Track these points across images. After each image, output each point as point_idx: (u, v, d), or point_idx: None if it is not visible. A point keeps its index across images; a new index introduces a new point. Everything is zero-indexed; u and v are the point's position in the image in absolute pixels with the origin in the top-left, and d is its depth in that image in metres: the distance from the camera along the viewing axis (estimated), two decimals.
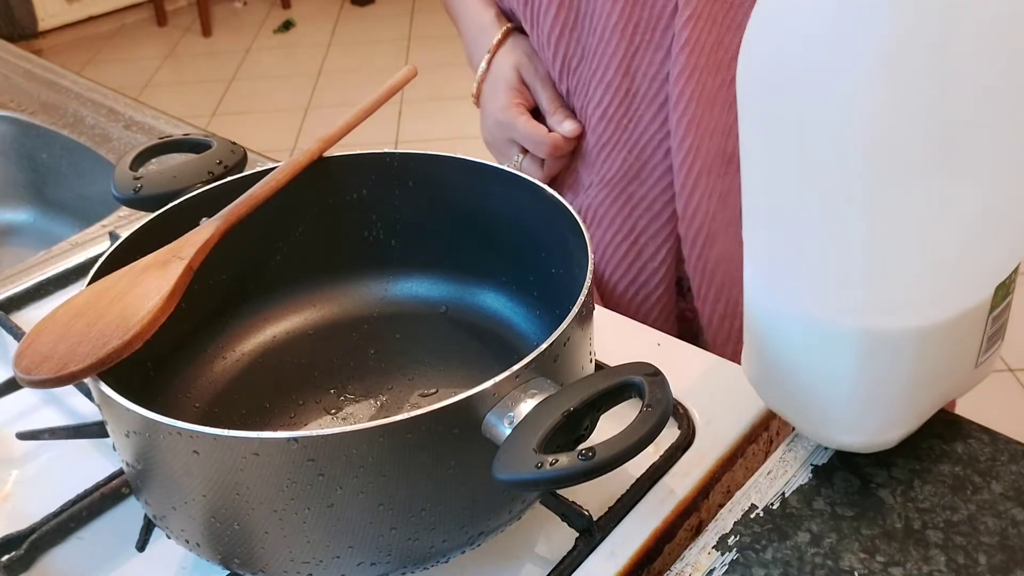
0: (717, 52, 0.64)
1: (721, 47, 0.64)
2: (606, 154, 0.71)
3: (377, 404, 0.54)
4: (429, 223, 0.58)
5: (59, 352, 0.41)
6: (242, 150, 0.59)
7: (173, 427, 0.37)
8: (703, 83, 0.64)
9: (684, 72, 0.64)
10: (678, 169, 0.67)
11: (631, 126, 0.69)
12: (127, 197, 0.55)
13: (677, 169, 0.67)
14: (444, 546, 0.42)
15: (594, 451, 0.35)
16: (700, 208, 0.68)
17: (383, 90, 0.59)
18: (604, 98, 0.69)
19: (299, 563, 0.40)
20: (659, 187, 0.70)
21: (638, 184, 0.70)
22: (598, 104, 0.69)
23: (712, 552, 0.45)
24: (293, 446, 0.36)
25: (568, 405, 0.38)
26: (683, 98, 0.65)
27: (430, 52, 3.50)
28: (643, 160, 0.70)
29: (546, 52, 0.72)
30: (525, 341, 0.55)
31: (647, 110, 0.68)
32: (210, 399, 0.53)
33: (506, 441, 0.37)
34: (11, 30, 3.42)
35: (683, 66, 0.64)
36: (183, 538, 0.43)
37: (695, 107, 0.65)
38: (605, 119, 0.69)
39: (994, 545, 0.44)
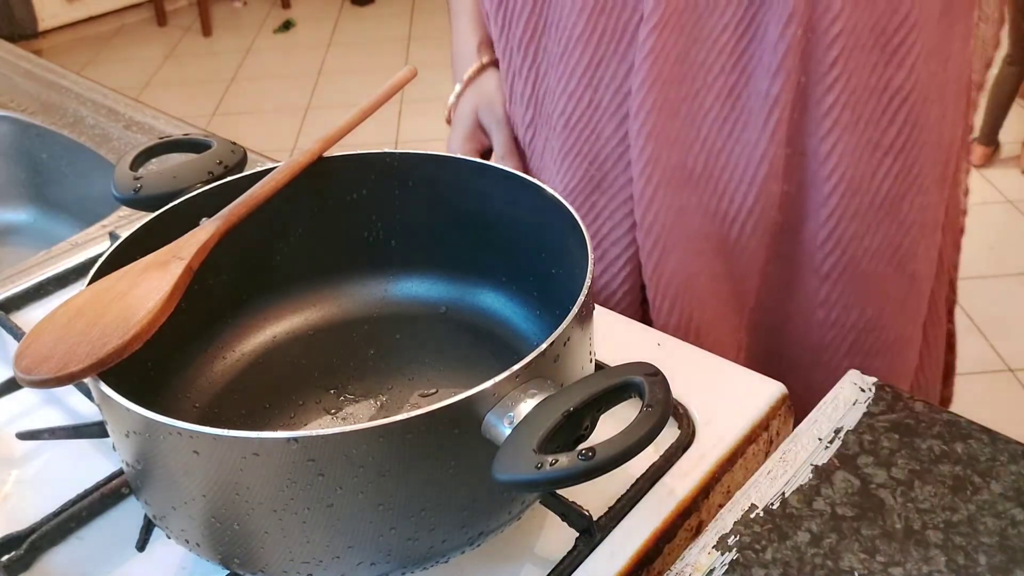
0: (682, 64, 0.63)
1: (686, 59, 0.63)
2: (568, 163, 0.70)
3: (377, 404, 0.54)
4: (429, 223, 0.58)
5: (59, 352, 0.41)
6: (242, 150, 0.59)
7: (173, 427, 0.37)
8: (665, 94, 0.64)
9: (646, 82, 0.63)
10: (636, 179, 0.67)
11: (593, 137, 0.68)
12: (127, 197, 0.55)
13: (636, 179, 0.67)
14: (444, 546, 0.42)
15: (594, 451, 0.35)
16: (657, 220, 0.67)
17: (383, 90, 0.59)
18: (568, 107, 0.68)
19: (299, 563, 0.40)
20: (620, 197, 0.69)
21: (599, 194, 0.70)
22: (562, 113, 0.69)
23: (712, 552, 0.45)
24: (293, 446, 0.36)
25: (568, 405, 0.38)
26: (644, 109, 0.64)
27: (430, 52, 3.51)
28: (604, 171, 0.69)
29: (515, 58, 0.72)
30: (525, 341, 0.55)
31: (609, 121, 0.67)
32: (210, 399, 0.53)
33: (506, 441, 0.37)
34: (11, 30, 3.42)
35: (645, 76, 0.63)
36: (183, 538, 0.43)
37: (656, 117, 0.64)
38: (568, 128, 0.69)
39: (994, 545, 0.44)
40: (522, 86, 0.73)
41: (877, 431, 0.50)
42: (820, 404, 0.53)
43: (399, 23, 3.84)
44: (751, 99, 0.63)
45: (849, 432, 0.50)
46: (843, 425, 0.51)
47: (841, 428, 0.51)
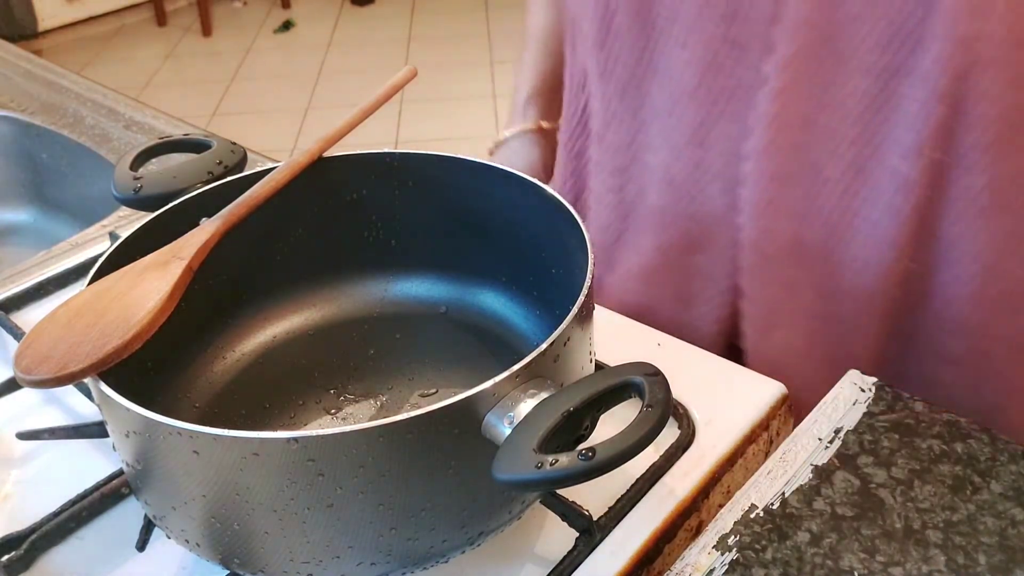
0: (804, 131, 0.58)
1: (810, 126, 0.57)
2: (668, 220, 0.66)
3: (377, 404, 0.54)
4: (429, 223, 0.58)
5: (59, 352, 0.41)
6: (242, 150, 0.59)
7: (173, 427, 0.37)
8: (784, 163, 0.59)
9: (763, 150, 0.58)
10: (746, 249, 0.62)
11: (698, 197, 0.63)
12: (127, 197, 0.55)
13: (745, 249, 0.62)
14: (444, 546, 0.42)
15: (594, 451, 0.35)
16: (765, 294, 0.63)
17: (383, 90, 0.59)
18: (671, 162, 0.63)
19: (299, 563, 0.40)
20: (721, 260, 0.65)
21: (699, 253, 0.66)
22: (665, 167, 0.64)
23: (712, 552, 0.45)
24: (293, 446, 0.36)
25: (568, 405, 0.38)
26: (758, 177, 0.59)
27: (430, 52, 3.51)
28: (707, 232, 0.64)
29: (614, 101, 0.66)
30: (525, 341, 0.55)
31: (715, 181, 0.62)
32: (210, 399, 0.53)
33: (506, 441, 0.37)
34: (11, 30, 3.42)
35: (763, 143, 0.58)
36: (183, 538, 0.43)
37: (771, 186, 0.59)
38: (669, 184, 0.64)
39: (994, 545, 0.44)
40: (616, 132, 0.67)
41: (877, 431, 0.50)
42: (820, 404, 0.53)
43: (399, 23, 3.84)
44: (879, 174, 0.57)
45: (849, 432, 0.50)
46: (843, 425, 0.51)
47: (841, 428, 0.51)
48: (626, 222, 0.70)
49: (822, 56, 0.55)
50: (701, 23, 0.58)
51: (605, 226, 0.72)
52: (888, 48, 0.53)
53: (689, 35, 0.58)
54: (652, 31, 0.61)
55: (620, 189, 0.69)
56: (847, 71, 0.55)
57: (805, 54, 0.55)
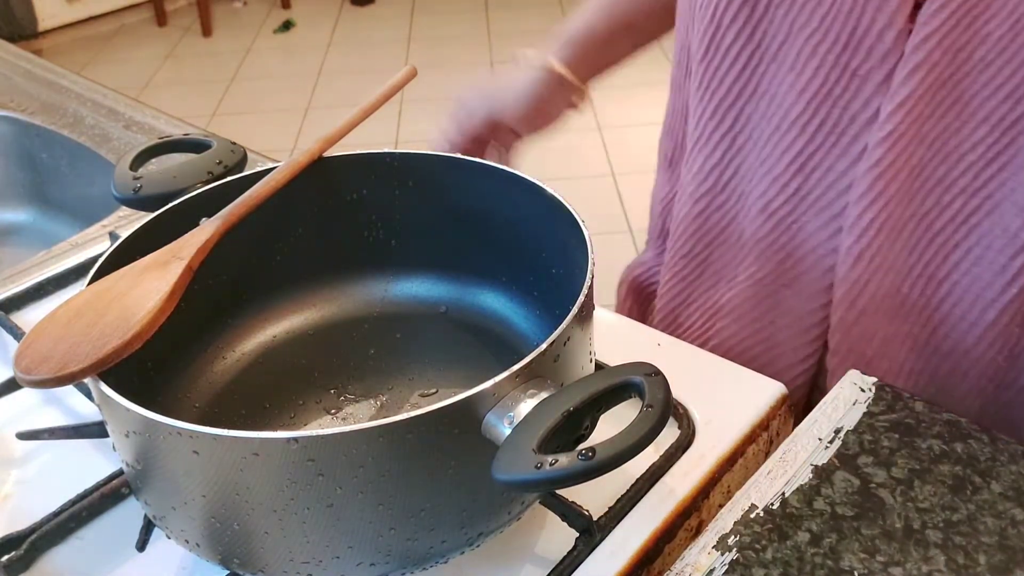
0: (915, 179, 0.54)
1: (922, 174, 0.54)
2: (760, 250, 0.63)
3: (377, 404, 0.54)
4: (429, 223, 0.58)
5: (59, 352, 0.41)
6: (242, 150, 0.59)
7: (173, 427, 0.37)
8: (890, 211, 0.55)
9: (869, 196, 0.55)
10: (837, 302, 0.59)
11: (795, 227, 0.60)
12: (127, 197, 0.55)
13: (837, 302, 0.59)
14: (443, 547, 0.42)
15: (594, 451, 0.35)
16: (856, 349, 0.60)
17: (383, 90, 0.59)
18: (770, 191, 0.60)
19: (299, 563, 0.40)
20: (814, 302, 0.61)
21: (790, 292, 0.62)
22: (762, 195, 0.61)
23: (712, 552, 0.45)
24: (293, 446, 0.36)
25: (568, 405, 0.38)
26: (860, 225, 0.56)
27: (430, 52, 3.51)
28: (801, 269, 0.61)
29: (708, 122, 0.63)
30: (525, 341, 0.55)
31: (816, 217, 0.59)
32: (210, 399, 0.53)
33: (506, 441, 0.37)
34: (11, 30, 3.42)
35: (868, 189, 0.55)
36: (183, 538, 0.43)
37: (874, 236, 0.56)
38: (766, 213, 0.61)
39: (994, 545, 0.44)
40: (707, 156, 0.64)
41: (877, 431, 0.50)
42: (820, 404, 0.53)
43: (399, 23, 3.84)
44: (993, 232, 0.54)
45: (849, 432, 0.50)
46: (843, 425, 0.51)
47: (841, 428, 0.51)
48: (712, 252, 0.67)
49: (944, 101, 0.52)
50: (817, 49, 0.54)
51: (687, 254, 0.69)
52: (1015, 98, 0.51)
53: (802, 60, 0.55)
54: (760, 51, 0.58)
55: (704, 216, 0.66)
56: (969, 119, 0.52)
57: (926, 97, 0.52)
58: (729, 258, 0.66)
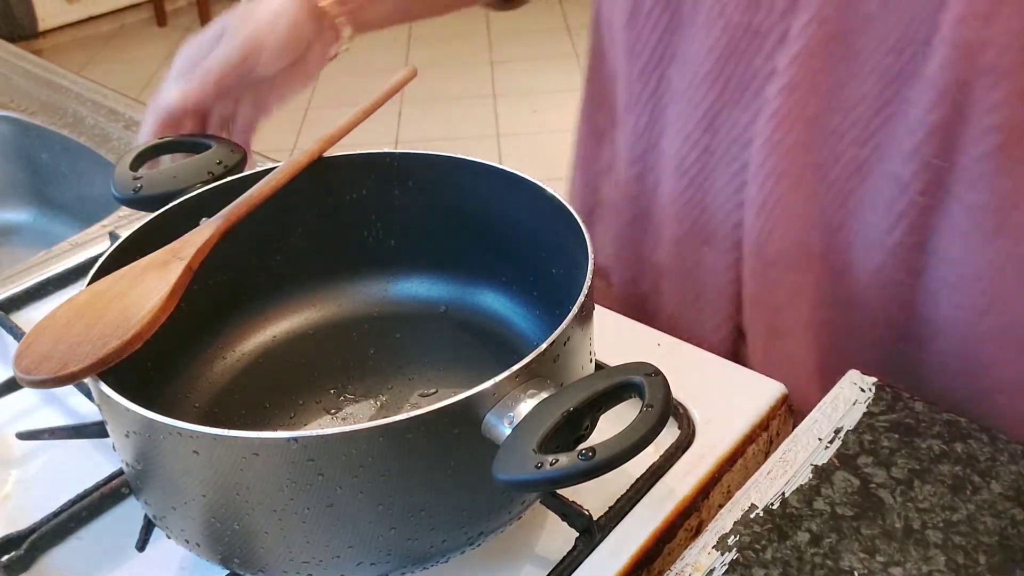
0: (810, 130, 0.56)
1: (817, 124, 0.56)
2: (678, 209, 0.65)
3: (377, 404, 0.54)
4: (428, 223, 0.58)
5: (59, 352, 0.41)
6: (242, 150, 0.59)
7: (173, 427, 0.37)
8: (788, 161, 0.57)
9: (768, 146, 0.57)
10: (748, 253, 0.61)
11: (706, 184, 0.62)
12: (127, 197, 0.55)
13: (747, 253, 0.61)
14: (444, 546, 0.42)
15: (594, 451, 0.35)
16: (768, 301, 0.62)
17: (384, 91, 0.59)
18: (682, 148, 0.62)
19: (299, 563, 0.40)
20: (729, 257, 0.63)
21: (708, 248, 0.64)
22: (676, 153, 0.63)
23: (712, 552, 0.45)
24: (293, 446, 0.36)
25: (568, 405, 0.38)
26: (762, 173, 0.58)
27: (430, 52, 3.50)
28: (715, 224, 0.63)
29: (636, 85, 0.65)
30: (525, 341, 0.55)
31: (724, 172, 0.61)
32: (210, 399, 0.53)
33: (506, 441, 0.37)
34: (11, 30, 3.42)
35: (767, 138, 0.57)
36: (183, 538, 0.43)
37: (773, 186, 0.58)
38: (680, 171, 0.63)
39: (994, 545, 0.44)
40: (636, 117, 0.66)
41: (877, 431, 0.50)
42: (820, 404, 0.53)
43: None
44: (882, 179, 0.56)
45: (849, 432, 0.50)
46: (843, 425, 0.51)
47: (841, 428, 0.51)
48: (650, 214, 0.69)
49: (833, 54, 0.54)
50: (726, 9, 0.57)
51: (630, 219, 0.70)
52: (898, 51, 0.53)
53: (711, 20, 0.58)
54: (678, 14, 0.60)
55: (639, 179, 0.68)
56: (857, 71, 0.54)
57: (817, 51, 0.54)
58: (660, 219, 0.68)
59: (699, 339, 0.63)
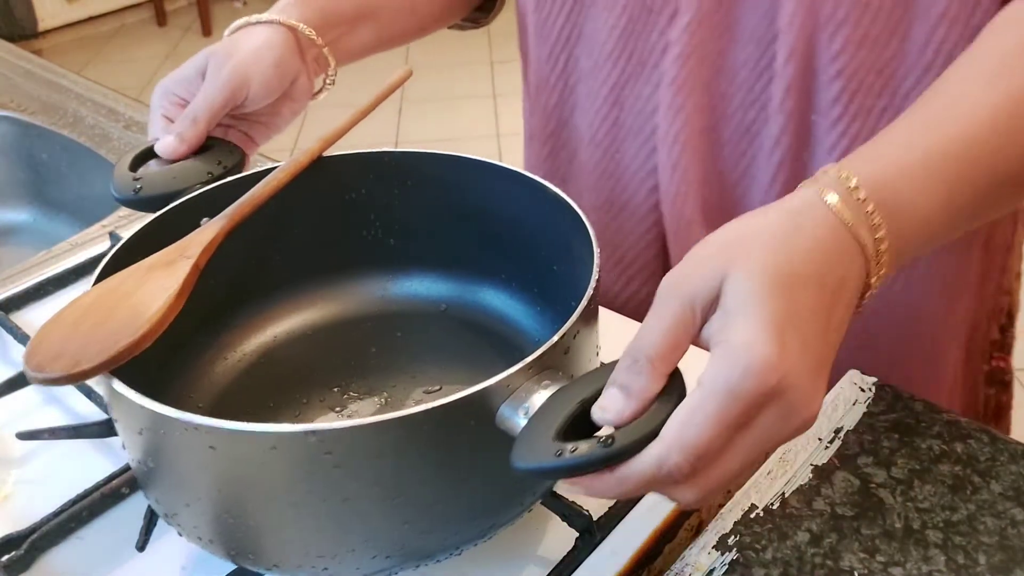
0: (704, 94, 0.61)
1: (709, 90, 0.61)
2: (594, 181, 0.69)
3: (381, 401, 0.54)
4: (429, 221, 0.58)
5: (70, 350, 0.40)
6: (241, 151, 0.59)
7: (190, 423, 0.37)
8: (691, 126, 0.62)
9: (670, 112, 0.62)
10: (667, 215, 0.65)
11: (618, 156, 0.67)
12: (126, 198, 0.55)
13: (667, 216, 0.65)
14: (456, 539, 0.42)
15: (614, 438, 0.35)
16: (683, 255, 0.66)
17: (380, 91, 0.60)
18: (594, 122, 0.67)
19: (314, 557, 0.40)
20: (647, 222, 0.67)
21: (626, 216, 0.68)
22: (588, 126, 0.68)
23: (712, 552, 0.45)
24: (311, 439, 0.36)
25: (584, 394, 0.38)
26: (668, 138, 0.62)
27: (430, 52, 3.50)
28: (629, 192, 0.67)
29: (544, 67, 0.69)
30: (526, 338, 0.55)
31: (633, 142, 0.65)
32: (213, 399, 0.53)
33: (523, 431, 0.37)
34: (11, 30, 3.42)
35: (668, 105, 0.62)
36: (195, 535, 0.43)
37: (680, 150, 0.62)
38: (593, 144, 0.68)
39: (994, 545, 0.44)
40: (547, 96, 0.70)
41: (877, 431, 0.50)
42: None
43: None
44: (764, 138, 0.61)
45: (849, 432, 0.50)
46: (843, 425, 0.51)
47: (841, 428, 0.51)
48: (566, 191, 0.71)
49: (719, 24, 0.59)
50: None
51: None
52: (770, 18, 0.58)
53: (612, 1, 0.62)
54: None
55: (553, 156, 0.72)
56: (739, 38, 0.59)
57: (703, 21, 0.59)
58: (577, 190, 0.71)
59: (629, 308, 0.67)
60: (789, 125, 0.59)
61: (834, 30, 0.55)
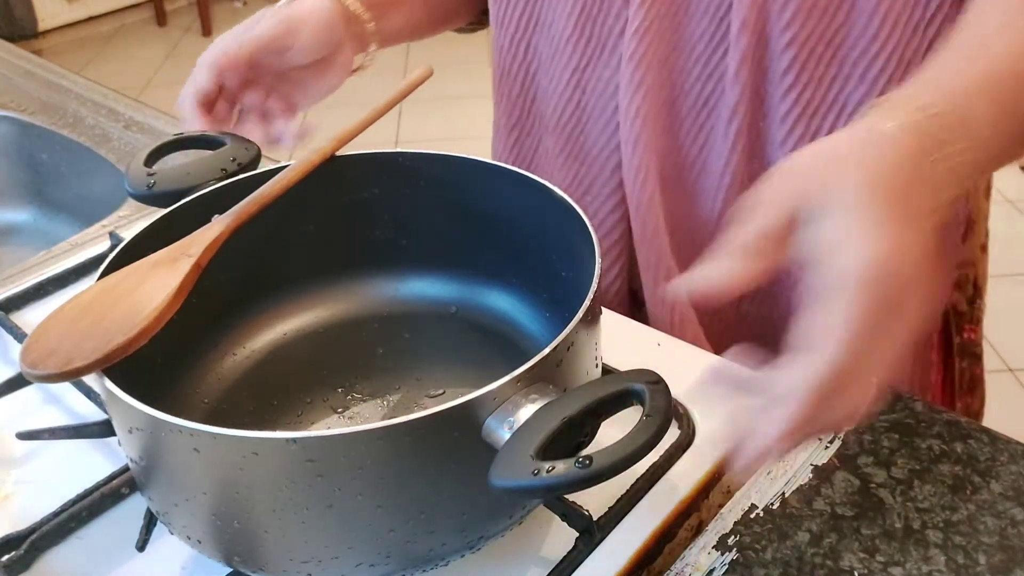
0: (662, 69, 0.63)
1: (667, 64, 0.63)
2: (560, 163, 0.70)
3: (385, 404, 0.54)
4: (439, 223, 0.58)
5: (65, 347, 0.40)
6: (256, 147, 0.59)
7: (174, 424, 0.37)
8: (650, 100, 0.63)
9: (631, 86, 0.63)
10: (631, 184, 0.66)
11: (581, 138, 0.68)
12: (140, 193, 0.55)
13: (630, 184, 0.66)
14: (443, 549, 0.42)
15: (591, 459, 0.35)
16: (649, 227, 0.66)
17: (399, 90, 0.59)
18: (557, 107, 0.69)
19: (298, 562, 0.41)
20: (611, 201, 0.69)
21: (591, 196, 0.70)
22: (552, 112, 0.69)
23: (712, 552, 0.45)
24: (292, 447, 0.36)
25: (568, 412, 0.37)
26: (629, 115, 0.64)
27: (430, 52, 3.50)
28: (594, 172, 0.69)
29: (506, 55, 0.71)
30: (534, 343, 0.55)
31: (596, 123, 0.67)
32: (218, 396, 0.53)
33: (504, 446, 0.37)
34: (11, 30, 3.42)
35: (629, 80, 0.63)
36: (185, 534, 0.43)
37: (641, 125, 0.64)
38: (558, 128, 0.69)
39: (994, 545, 0.44)
40: (509, 86, 0.72)
41: (877, 431, 0.50)
42: None
43: None
44: (722, 109, 0.63)
45: (849, 432, 0.50)
46: None
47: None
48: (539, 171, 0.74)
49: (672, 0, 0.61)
50: None
51: None
52: None
53: None
54: None
55: (519, 144, 0.74)
56: (693, 13, 0.62)
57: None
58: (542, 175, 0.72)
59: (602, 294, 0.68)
60: (744, 95, 0.61)
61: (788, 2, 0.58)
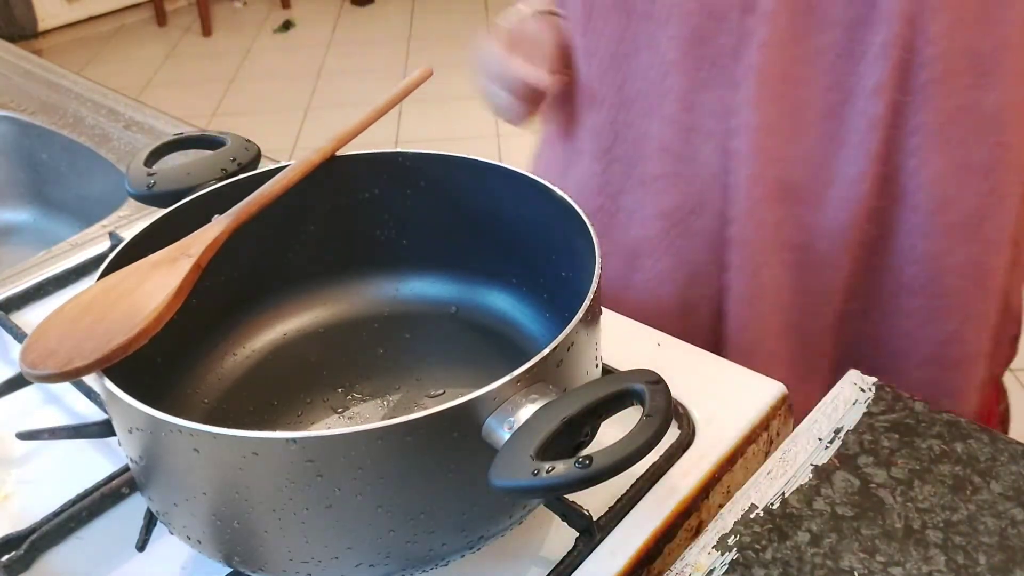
0: (784, 83, 0.63)
1: (789, 78, 0.63)
2: (662, 185, 0.70)
3: (385, 404, 0.54)
4: (440, 223, 0.58)
5: (65, 348, 0.40)
6: (256, 147, 0.59)
7: (174, 424, 0.37)
8: (769, 112, 0.64)
9: (752, 101, 0.64)
10: (738, 196, 0.67)
11: (691, 159, 0.68)
12: (140, 193, 0.55)
13: (736, 196, 0.67)
14: (443, 549, 0.42)
15: (591, 459, 0.35)
16: (755, 235, 0.67)
17: (398, 90, 0.59)
18: (663, 131, 0.68)
19: (298, 562, 0.41)
20: (718, 220, 0.69)
21: (695, 216, 0.70)
22: (657, 136, 0.69)
23: (712, 552, 0.45)
24: (292, 447, 0.36)
25: (568, 412, 0.37)
26: (749, 127, 0.64)
27: (430, 52, 3.50)
28: (703, 193, 0.69)
29: (596, 84, 0.71)
30: (535, 343, 0.55)
31: (707, 143, 0.67)
32: (219, 395, 0.53)
33: (504, 447, 0.37)
34: (11, 30, 3.42)
35: (751, 94, 0.63)
36: (185, 534, 0.43)
37: (760, 135, 0.64)
38: (664, 151, 0.69)
39: (994, 545, 0.44)
40: (597, 114, 0.72)
41: (877, 431, 0.50)
42: (820, 404, 0.53)
43: (399, 23, 3.84)
44: (851, 118, 0.63)
45: (849, 432, 0.50)
46: (843, 425, 0.51)
47: (841, 428, 0.51)
48: (620, 199, 0.74)
49: (797, 10, 0.61)
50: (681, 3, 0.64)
51: (599, 208, 0.75)
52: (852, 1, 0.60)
53: (670, 14, 0.65)
54: (632, 13, 0.67)
55: (609, 170, 0.73)
56: (819, 24, 0.61)
57: (783, 8, 0.61)
58: (636, 200, 0.73)
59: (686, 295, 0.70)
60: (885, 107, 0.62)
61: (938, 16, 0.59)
